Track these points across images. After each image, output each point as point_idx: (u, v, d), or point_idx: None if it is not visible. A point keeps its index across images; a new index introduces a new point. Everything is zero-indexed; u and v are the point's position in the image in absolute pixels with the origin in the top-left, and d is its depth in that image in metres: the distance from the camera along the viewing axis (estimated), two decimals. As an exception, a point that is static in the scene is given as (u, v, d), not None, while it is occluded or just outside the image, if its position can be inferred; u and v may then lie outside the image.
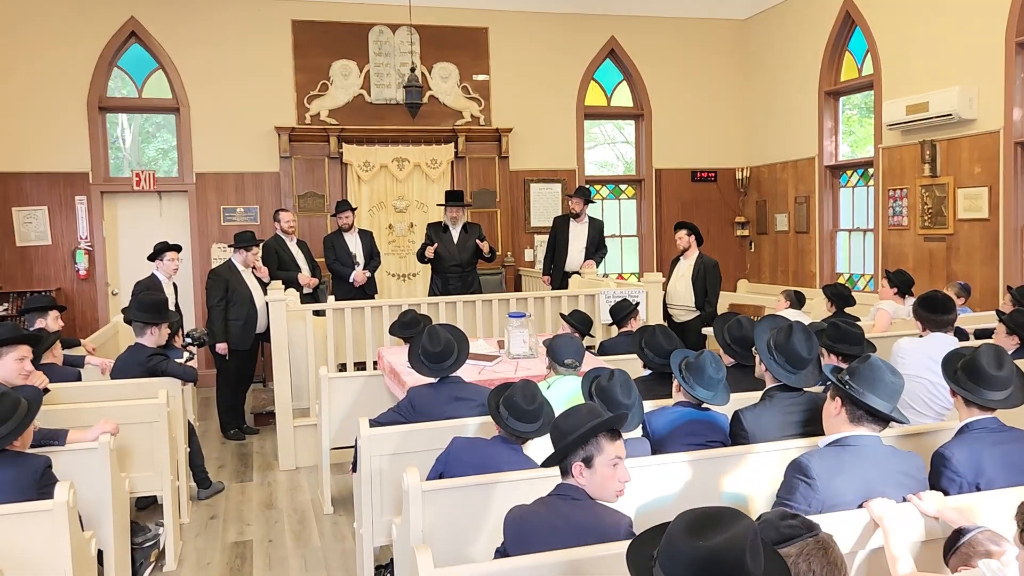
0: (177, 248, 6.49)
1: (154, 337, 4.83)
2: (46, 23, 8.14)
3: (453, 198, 7.35)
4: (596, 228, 7.74)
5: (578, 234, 7.65)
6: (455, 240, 7.21)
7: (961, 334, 4.68)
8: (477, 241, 7.18)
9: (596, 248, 7.70)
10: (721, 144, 10.15)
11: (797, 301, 6.08)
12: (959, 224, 7.22)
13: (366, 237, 7.53)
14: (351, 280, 7.19)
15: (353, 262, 7.27)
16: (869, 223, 8.47)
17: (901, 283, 5.97)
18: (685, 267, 7.01)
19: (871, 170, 8.31)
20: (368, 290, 7.36)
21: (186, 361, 4.93)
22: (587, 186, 8.67)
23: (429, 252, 7.06)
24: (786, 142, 9.48)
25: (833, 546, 1.81)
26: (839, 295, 6.12)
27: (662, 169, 10.00)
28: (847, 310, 6.14)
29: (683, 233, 7.07)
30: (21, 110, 8.11)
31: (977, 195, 7.02)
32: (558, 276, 7.66)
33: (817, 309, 7.00)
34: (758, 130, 10.02)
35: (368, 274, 7.31)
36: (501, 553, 2.37)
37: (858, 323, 4.48)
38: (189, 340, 5.49)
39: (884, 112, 7.79)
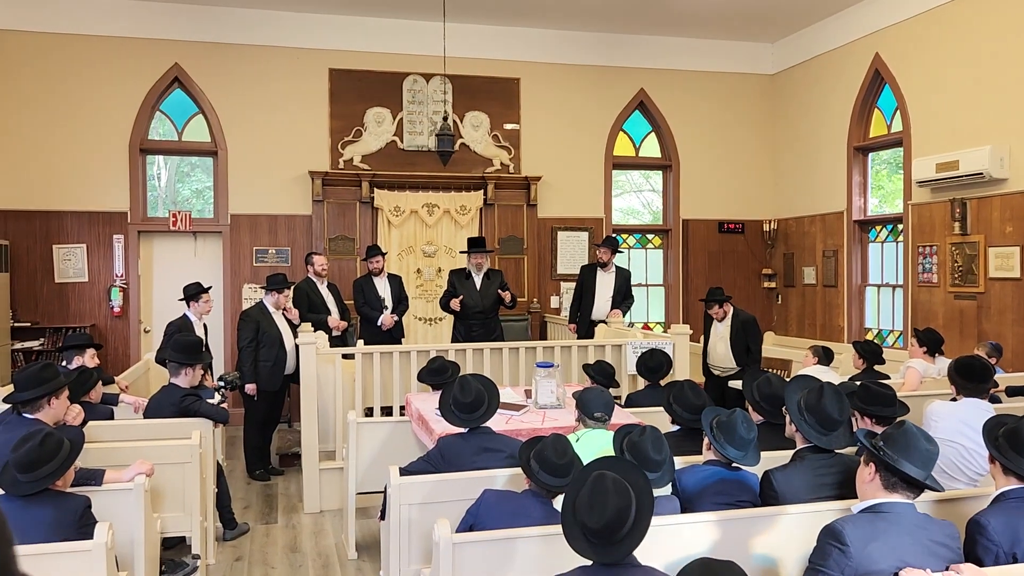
0: (208, 289, 6.62)
1: (188, 378, 4.91)
2: (94, 68, 8.43)
3: (477, 244, 7.44)
4: (623, 277, 7.80)
5: (605, 283, 7.71)
6: (478, 287, 7.28)
7: (994, 399, 4.64)
8: (499, 291, 7.25)
9: (623, 297, 7.74)
10: (749, 196, 10.21)
11: (825, 357, 6.06)
12: (990, 283, 7.18)
13: (395, 281, 7.63)
14: (379, 324, 7.27)
15: (382, 306, 7.36)
16: (898, 279, 8.44)
17: (930, 341, 5.94)
18: (723, 329, 6.95)
19: (900, 226, 8.31)
20: (396, 334, 7.43)
21: (219, 404, 5.00)
22: (615, 236, 8.74)
23: (455, 304, 7.12)
24: (815, 196, 9.51)
25: None
26: (870, 351, 6.10)
27: (689, 220, 10.06)
28: (876, 367, 6.12)
29: (715, 307, 6.97)
30: (66, 151, 8.38)
31: (1009, 254, 6.99)
32: (584, 324, 7.70)
33: (845, 365, 6.97)
34: (786, 183, 10.07)
35: (396, 318, 7.39)
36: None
37: (888, 382, 4.47)
38: (222, 384, 5.57)
39: (914, 169, 7.81)
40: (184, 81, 8.71)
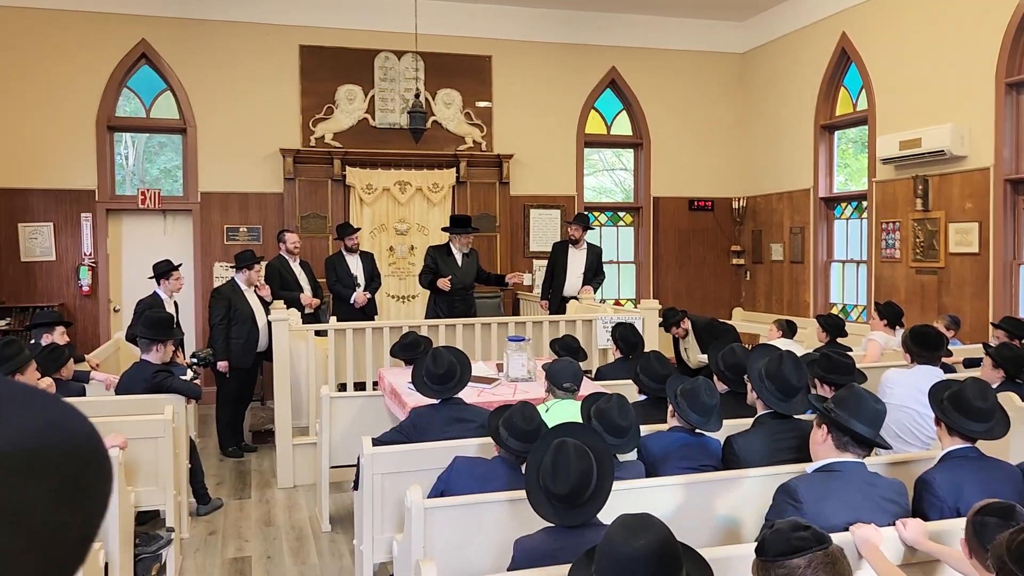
0: (178, 267, 6.61)
1: (159, 354, 4.92)
2: (58, 43, 8.30)
3: (460, 224, 7.45)
4: (594, 254, 7.88)
5: (576, 260, 7.79)
6: (460, 264, 7.33)
7: (947, 368, 4.79)
8: (511, 282, 7.44)
9: (594, 274, 7.83)
10: (718, 174, 10.33)
11: (789, 330, 6.20)
12: (950, 258, 7.37)
13: (367, 259, 7.65)
14: (352, 301, 7.29)
15: (354, 283, 7.38)
16: (863, 255, 8.62)
17: (891, 315, 6.10)
18: (691, 342, 6.89)
19: (865, 203, 8.47)
20: (369, 311, 7.46)
21: (191, 380, 5.02)
22: (586, 213, 8.82)
23: (444, 284, 7.07)
24: (782, 173, 9.65)
25: (841, 560, 1.87)
26: (832, 325, 6.24)
27: (660, 197, 10.17)
28: (839, 340, 6.27)
29: (676, 328, 6.88)
30: (31, 128, 8.25)
31: (968, 230, 7.17)
32: (556, 301, 7.79)
33: (810, 338, 7.13)
34: (755, 161, 10.20)
35: (369, 295, 7.42)
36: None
37: (849, 353, 4.60)
38: (195, 361, 5.58)
39: (878, 147, 7.97)
40: (152, 57, 8.60)
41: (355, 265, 7.50)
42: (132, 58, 8.55)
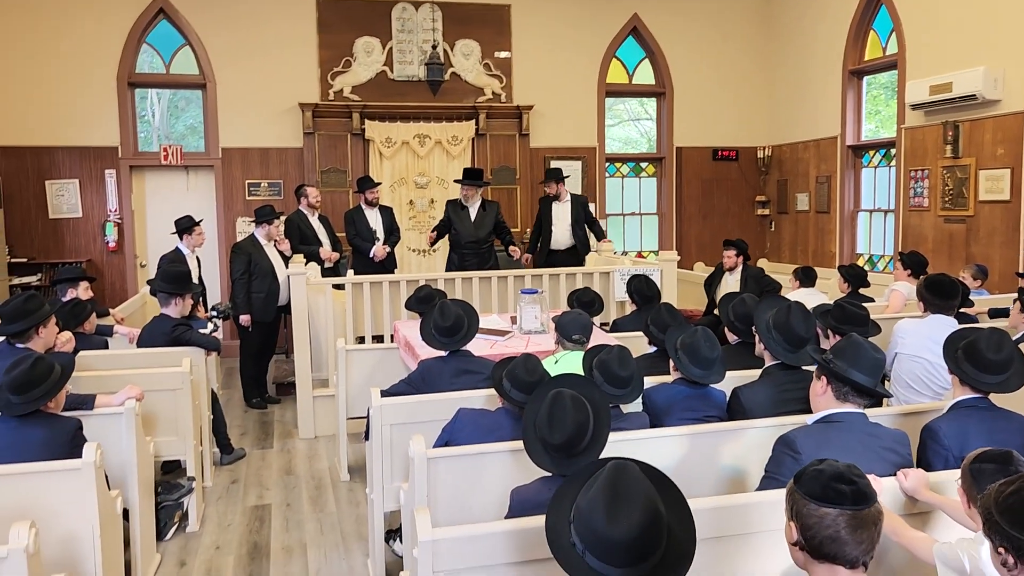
0: (199, 222, 6.67)
1: (178, 308, 5.00)
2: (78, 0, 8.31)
3: (469, 176, 7.42)
4: (579, 204, 7.79)
5: (561, 215, 7.73)
6: (472, 217, 7.30)
7: (969, 319, 4.70)
8: (509, 249, 7.37)
9: (589, 224, 7.76)
10: (743, 123, 10.12)
11: (807, 278, 6.11)
12: (980, 206, 7.18)
13: (386, 213, 7.65)
14: (371, 255, 7.32)
15: (374, 237, 7.39)
16: (890, 204, 8.43)
17: (914, 264, 5.98)
18: (732, 281, 6.92)
19: (893, 151, 8.26)
20: (388, 265, 7.49)
21: (210, 332, 5.10)
22: (558, 167, 8.51)
23: (430, 237, 7.42)
24: (809, 121, 9.43)
25: (871, 525, 1.77)
26: (854, 275, 6.16)
27: (683, 147, 10.01)
28: (862, 291, 6.19)
29: (732, 253, 6.93)
30: (53, 85, 8.31)
31: (999, 177, 6.97)
32: (543, 255, 7.74)
33: (832, 289, 7.03)
34: (781, 109, 9.97)
35: (388, 249, 7.44)
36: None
37: (865, 304, 4.54)
38: (215, 313, 5.67)
39: (908, 92, 7.73)
40: (169, 12, 8.58)
41: (374, 219, 7.50)
42: (150, 13, 8.53)
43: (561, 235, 7.69)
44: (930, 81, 7.39)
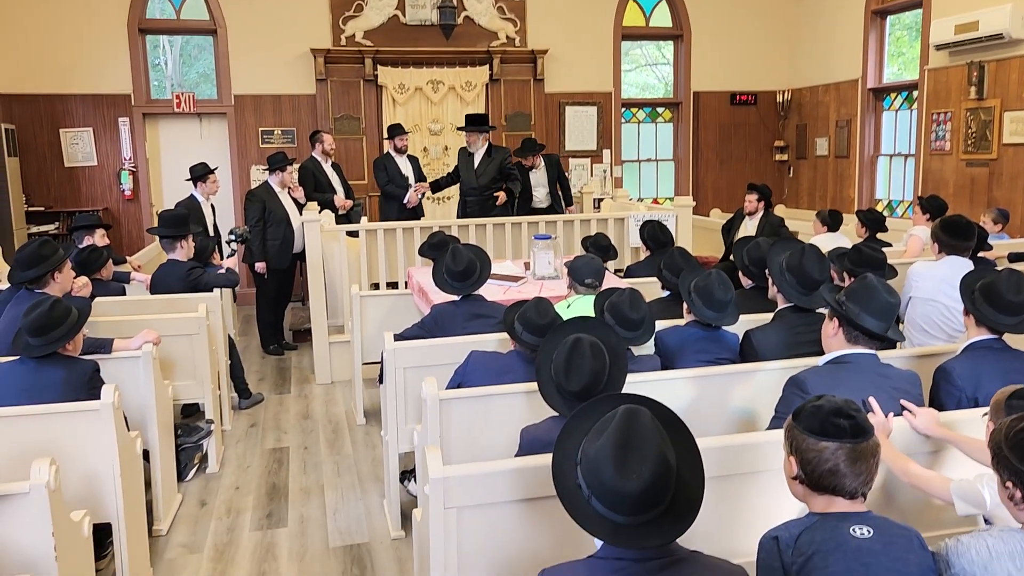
0: (214, 170, 6.66)
1: (184, 250, 5.03)
2: (84, -57, 8.20)
3: (471, 122, 7.28)
4: (552, 164, 7.77)
5: (538, 177, 7.71)
6: (475, 165, 7.21)
7: (986, 262, 4.63)
8: (504, 187, 7.19)
9: (562, 184, 7.86)
10: (762, 66, 9.91)
11: (832, 221, 6.04)
12: (1004, 149, 7.03)
13: (414, 161, 7.59)
14: (405, 201, 7.24)
15: (406, 184, 7.33)
16: (911, 148, 8.28)
17: (934, 208, 5.88)
18: (751, 226, 6.86)
19: (915, 93, 8.08)
20: (418, 211, 7.45)
21: (229, 256, 5.12)
22: (532, 138, 8.26)
23: (416, 193, 7.21)
24: (829, 64, 9.22)
25: (869, 458, 1.80)
26: (871, 220, 6.08)
27: (700, 92, 9.83)
28: (880, 235, 6.12)
29: (753, 197, 6.87)
30: (65, 32, 8.25)
31: (1024, 119, 6.81)
32: (525, 212, 7.64)
33: (850, 234, 6.95)
34: (800, 51, 9.74)
35: (421, 193, 7.37)
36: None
37: (883, 248, 4.48)
38: (232, 238, 5.70)
39: (932, 32, 7.53)
40: (177, -45, 8.46)
41: (404, 165, 7.43)
42: (158, -43, 8.41)
43: (541, 196, 7.71)
44: (955, 20, 7.18)
